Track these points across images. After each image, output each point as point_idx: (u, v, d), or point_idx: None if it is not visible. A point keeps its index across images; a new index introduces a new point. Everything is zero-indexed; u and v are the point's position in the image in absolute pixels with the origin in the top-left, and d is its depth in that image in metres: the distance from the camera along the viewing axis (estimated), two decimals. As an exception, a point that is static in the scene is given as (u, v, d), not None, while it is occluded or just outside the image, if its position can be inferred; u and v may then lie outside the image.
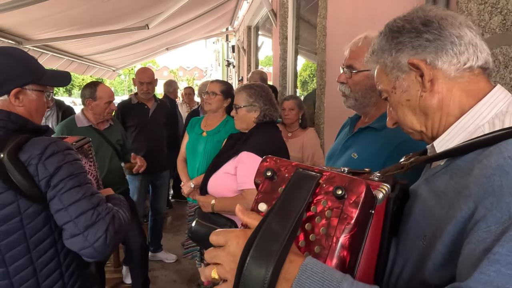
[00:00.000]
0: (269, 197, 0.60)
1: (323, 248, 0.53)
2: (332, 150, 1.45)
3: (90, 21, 4.04)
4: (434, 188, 0.63)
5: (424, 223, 0.61)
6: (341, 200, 0.54)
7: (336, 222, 0.53)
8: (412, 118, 0.70)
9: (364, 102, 1.25)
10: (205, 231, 1.81)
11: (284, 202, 0.55)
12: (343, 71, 1.28)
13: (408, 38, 0.66)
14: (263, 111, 1.87)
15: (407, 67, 0.67)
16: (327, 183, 0.56)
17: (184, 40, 7.89)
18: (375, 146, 1.19)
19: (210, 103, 2.45)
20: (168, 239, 4.01)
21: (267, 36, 7.56)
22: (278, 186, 0.60)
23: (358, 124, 1.38)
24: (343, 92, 1.28)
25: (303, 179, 0.57)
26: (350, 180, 0.55)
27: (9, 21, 3.27)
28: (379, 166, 1.13)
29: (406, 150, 1.09)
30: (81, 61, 5.69)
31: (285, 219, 0.52)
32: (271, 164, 0.62)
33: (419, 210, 0.64)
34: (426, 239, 0.59)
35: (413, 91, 0.68)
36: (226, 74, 12.49)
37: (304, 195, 0.55)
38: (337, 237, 0.53)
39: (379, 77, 0.75)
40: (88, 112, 2.50)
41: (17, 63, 1.16)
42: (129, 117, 3.18)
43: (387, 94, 0.73)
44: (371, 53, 0.76)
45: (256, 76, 4.00)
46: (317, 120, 3.02)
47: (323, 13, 2.81)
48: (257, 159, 1.73)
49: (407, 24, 0.67)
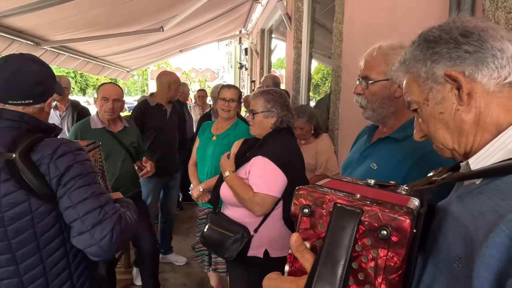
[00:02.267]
0: (309, 234, 0.61)
1: (374, 286, 0.55)
2: (349, 159, 1.42)
3: (106, 23, 4.09)
4: (468, 207, 0.60)
5: (457, 243, 0.59)
6: (386, 240, 0.54)
7: (384, 262, 0.54)
8: (444, 132, 0.67)
9: (382, 113, 1.23)
10: (218, 237, 1.79)
11: (329, 248, 0.55)
12: (359, 82, 1.26)
13: (446, 49, 0.64)
14: (280, 117, 1.85)
15: (443, 78, 0.64)
16: (370, 219, 0.56)
17: (198, 42, 7.94)
18: (395, 157, 1.16)
19: (229, 110, 2.46)
20: (178, 241, 4.02)
21: (280, 39, 7.54)
22: (318, 222, 0.60)
23: (376, 133, 1.35)
24: (360, 104, 1.27)
25: (344, 218, 0.56)
26: (393, 217, 0.54)
27: (28, 22, 3.34)
28: (401, 178, 1.11)
29: (430, 162, 1.08)
30: (96, 62, 5.77)
31: (334, 268, 0.53)
32: (306, 198, 0.61)
33: (451, 229, 0.62)
34: (461, 261, 0.56)
35: (448, 104, 0.65)
36: (238, 77, 12.51)
37: (349, 238, 0.55)
38: (386, 277, 0.54)
39: (409, 88, 0.72)
40: (100, 112, 2.52)
41: (50, 73, 1.25)
42: (148, 119, 3.13)
43: (417, 105, 0.70)
44: (402, 63, 0.73)
45: (269, 80, 3.98)
46: (331, 126, 2.98)
47: (339, 18, 2.78)
48: (270, 164, 1.71)
49: (445, 34, 0.65)
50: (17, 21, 3.22)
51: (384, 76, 1.20)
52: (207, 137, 2.56)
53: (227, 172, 1.82)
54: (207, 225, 1.90)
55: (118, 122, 2.59)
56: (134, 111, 3.20)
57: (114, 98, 2.44)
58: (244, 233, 1.73)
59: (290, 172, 1.74)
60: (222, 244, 1.76)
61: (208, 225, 1.89)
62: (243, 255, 1.74)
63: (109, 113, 2.45)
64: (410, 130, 1.13)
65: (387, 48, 1.22)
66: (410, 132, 1.13)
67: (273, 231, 1.77)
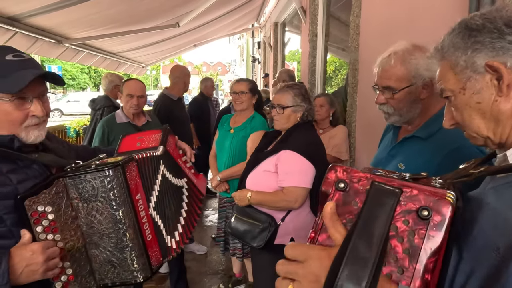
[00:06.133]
0: (341, 210, 0.58)
1: (407, 270, 0.52)
2: (377, 158, 1.43)
3: (124, 20, 4.19)
4: (506, 199, 0.60)
5: (495, 234, 0.58)
6: (425, 221, 0.52)
7: (421, 244, 0.52)
8: (479, 122, 0.66)
9: (409, 116, 1.23)
10: (245, 226, 1.86)
11: (366, 222, 0.52)
12: (380, 92, 1.24)
13: (489, 39, 0.63)
14: (306, 110, 1.91)
15: (483, 68, 0.64)
16: (409, 201, 0.54)
17: (212, 36, 8.00)
18: (422, 156, 1.17)
19: (241, 102, 2.55)
20: (198, 231, 4.15)
21: (294, 32, 7.54)
22: (352, 199, 0.58)
23: (401, 131, 1.36)
24: (386, 111, 1.26)
25: (383, 196, 0.54)
26: (435, 199, 0.53)
27: (51, 21, 3.45)
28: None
29: (458, 158, 1.04)
30: (114, 58, 5.88)
31: (371, 242, 0.51)
32: (342, 174, 0.59)
33: (488, 220, 0.61)
34: (500, 251, 0.56)
35: (486, 94, 0.64)
36: (251, 70, 12.53)
37: (387, 215, 0.52)
38: (421, 261, 0.52)
39: (444, 76, 0.71)
40: (125, 108, 2.62)
41: None
42: (173, 113, 3.22)
43: (451, 93, 0.69)
44: (438, 49, 0.72)
45: (285, 74, 4.02)
46: (349, 119, 3.03)
47: (356, 11, 2.80)
48: (298, 157, 1.78)
49: (488, 24, 0.63)
50: (41, 20, 3.33)
51: (407, 83, 1.19)
52: (225, 130, 2.67)
53: (248, 194, 1.85)
54: (233, 216, 1.97)
55: (141, 117, 2.69)
56: (158, 106, 3.27)
57: (138, 94, 2.56)
58: (272, 222, 1.81)
59: (317, 162, 1.81)
60: (250, 233, 1.83)
61: (234, 216, 1.96)
62: (270, 243, 1.82)
63: (134, 109, 2.56)
64: (434, 127, 1.18)
65: (403, 53, 1.21)
66: (434, 129, 1.17)
67: (299, 219, 1.84)
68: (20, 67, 1.03)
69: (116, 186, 1.04)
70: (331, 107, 2.91)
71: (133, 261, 1.07)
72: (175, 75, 3.35)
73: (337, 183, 0.59)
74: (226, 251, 2.78)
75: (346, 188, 0.58)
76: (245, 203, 1.89)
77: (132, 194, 1.09)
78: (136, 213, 1.10)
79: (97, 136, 2.55)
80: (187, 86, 3.44)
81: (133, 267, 1.08)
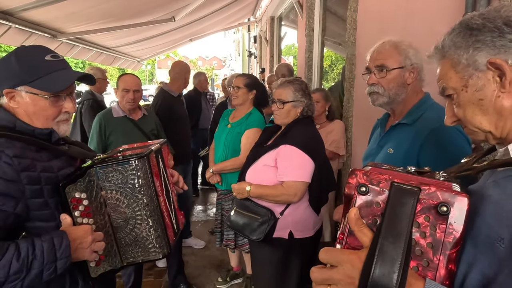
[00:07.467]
0: (365, 212, 0.62)
1: (431, 261, 0.57)
2: (368, 151, 1.54)
3: (120, 14, 4.15)
4: (508, 192, 0.62)
5: (498, 225, 0.61)
6: (445, 216, 0.57)
7: (442, 237, 0.57)
8: (481, 118, 0.69)
9: (395, 99, 1.35)
10: (245, 220, 1.88)
11: (390, 223, 0.56)
12: (372, 72, 1.37)
13: (490, 37, 0.65)
14: (306, 106, 1.91)
15: (485, 66, 0.66)
16: (427, 198, 0.58)
17: (207, 31, 7.95)
18: (408, 140, 1.28)
19: (236, 97, 2.56)
20: (196, 226, 4.16)
21: (290, 27, 7.51)
22: (374, 200, 0.62)
23: (388, 124, 1.49)
24: (375, 92, 1.37)
25: (403, 196, 0.58)
26: (452, 195, 0.57)
27: (46, 15, 3.41)
28: (415, 155, 1.24)
29: (438, 138, 1.19)
30: (109, 52, 5.83)
31: (396, 242, 0.55)
32: (363, 178, 0.63)
33: (490, 212, 0.63)
34: (504, 241, 0.58)
35: (488, 91, 0.67)
36: (247, 65, 12.50)
37: (408, 213, 0.56)
38: (444, 252, 0.57)
39: (445, 74, 0.73)
40: (121, 102, 2.62)
41: (16, 64, 1.10)
42: (174, 109, 3.19)
43: (453, 91, 0.72)
44: (439, 48, 0.74)
45: (284, 68, 4.01)
46: (346, 113, 3.04)
47: (353, 6, 2.80)
48: (297, 152, 1.79)
49: (488, 23, 0.66)
50: (36, 15, 3.29)
51: (399, 65, 1.33)
52: (224, 124, 2.68)
53: (247, 187, 1.88)
54: (233, 210, 1.99)
55: (138, 111, 2.70)
56: (159, 102, 3.20)
57: (134, 89, 2.56)
58: (271, 215, 1.82)
59: (316, 157, 1.83)
60: (250, 226, 1.85)
61: (234, 210, 1.97)
62: (269, 236, 1.83)
63: (130, 103, 2.56)
64: (417, 113, 1.32)
65: (396, 41, 1.36)
66: (418, 114, 1.32)
67: (298, 213, 1.86)
68: (58, 68, 1.15)
69: (142, 174, 1.15)
70: (326, 101, 2.93)
71: (155, 241, 1.20)
72: (175, 71, 3.31)
73: (359, 187, 0.63)
74: (221, 242, 2.81)
75: (367, 191, 0.62)
76: (243, 195, 1.90)
77: (154, 181, 1.21)
78: (158, 198, 1.22)
79: (94, 130, 2.55)
80: (187, 83, 3.41)
81: (156, 246, 1.20)
